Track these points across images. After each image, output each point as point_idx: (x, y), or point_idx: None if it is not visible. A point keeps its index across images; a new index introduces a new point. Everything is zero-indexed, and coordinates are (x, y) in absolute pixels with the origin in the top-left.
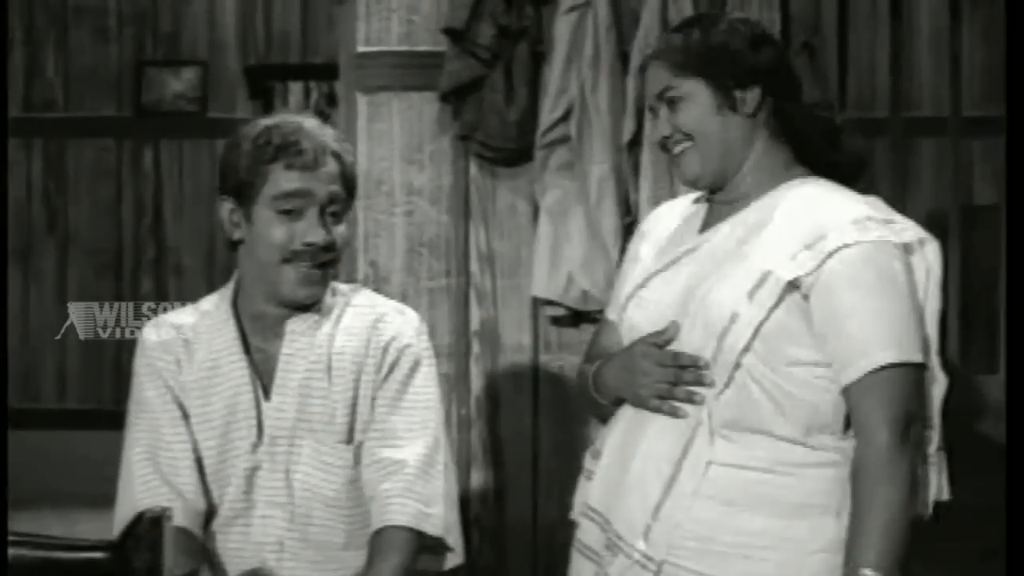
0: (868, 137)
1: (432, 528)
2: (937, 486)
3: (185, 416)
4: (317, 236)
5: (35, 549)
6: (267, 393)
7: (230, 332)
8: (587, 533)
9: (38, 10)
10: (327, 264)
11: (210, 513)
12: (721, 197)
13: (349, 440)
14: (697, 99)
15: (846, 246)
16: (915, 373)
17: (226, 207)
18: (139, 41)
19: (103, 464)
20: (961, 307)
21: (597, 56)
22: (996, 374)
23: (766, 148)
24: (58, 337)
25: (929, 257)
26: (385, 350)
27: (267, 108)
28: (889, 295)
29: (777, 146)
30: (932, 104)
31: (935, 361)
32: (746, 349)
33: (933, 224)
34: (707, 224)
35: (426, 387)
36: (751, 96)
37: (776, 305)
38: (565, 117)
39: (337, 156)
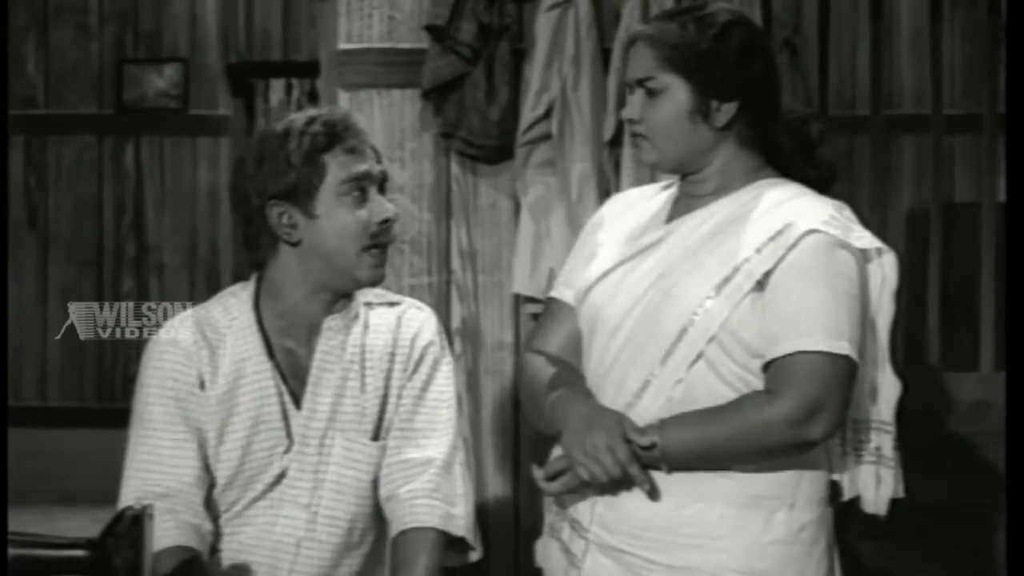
0: (849, 135)
1: (456, 528)
2: (894, 486)
3: (194, 434)
4: (388, 211)
5: (16, 547)
6: (295, 397)
7: (254, 339)
8: None
9: (19, 7)
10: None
11: (215, 520)
12: (689, 189)
13: (376, 436)
14: (674, 97)
15: (810, 232)
16: (839, 364)
17: (276, 211)
18: (120, 38)
19: (84, 461)
20: (941, 304)
21: (578, 54)
22: (976, 371)
23: (734, 154)
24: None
25: (886, 267)
26: (412, 346)
27: (248, 105)
28: (835, 287)
29: (746, 153)
30: (913, 102)
31: (888, 367)
32: (711, 340)
33: (914, 221)
34: (673, 215)
35: (446, 385)
36: (726, 109)
37: (742, 299)
38: (546, 115)
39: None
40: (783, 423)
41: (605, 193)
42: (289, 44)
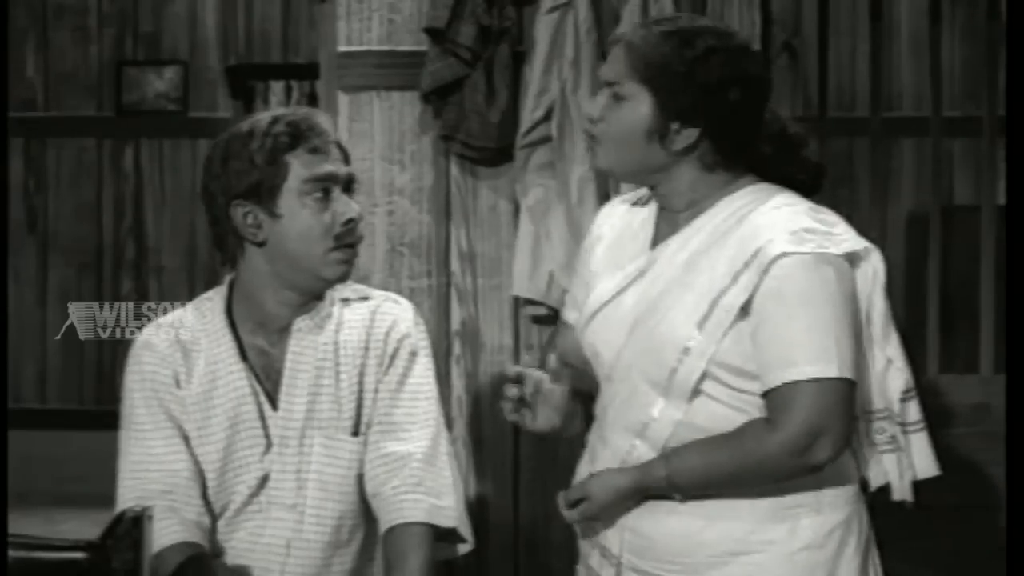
0: (849, 137)
1: (446, 520)
2: (917, 470)
3: (180, 431)
4: (352, 211)
5: (16, 549)
6: (271, 398)
7: (227, 341)
8: None
9: (18, 9)
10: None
11: (212, 517)
12: (662, 203)
13: (356, 432)
14: (637, 109)
15: (782, 256)
16: (835, 387)
17: (240, 211)
18: (120, 40)
19: (84, 464)
20: (941, 307)
21: (578, 56)
22: (976, 374)
23: (696, 177)
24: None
25: (875, 262)
26: (385, 340)
27: (248, 107)
28: (817, 308)
29: (711, 175)
30: (912, 104)
31: (900, 354)
32: (703, 378)
33: (913, 223)
34: (657, 237)
35: (425, 377)
36: (687, 134)
37: (726, 334)
38: (546, 117)
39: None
40: (784, 453)
41: (604, 196)
42: (289, 46)
